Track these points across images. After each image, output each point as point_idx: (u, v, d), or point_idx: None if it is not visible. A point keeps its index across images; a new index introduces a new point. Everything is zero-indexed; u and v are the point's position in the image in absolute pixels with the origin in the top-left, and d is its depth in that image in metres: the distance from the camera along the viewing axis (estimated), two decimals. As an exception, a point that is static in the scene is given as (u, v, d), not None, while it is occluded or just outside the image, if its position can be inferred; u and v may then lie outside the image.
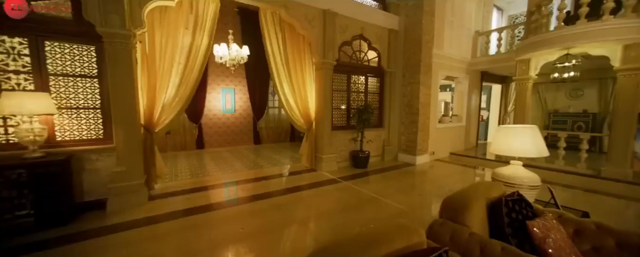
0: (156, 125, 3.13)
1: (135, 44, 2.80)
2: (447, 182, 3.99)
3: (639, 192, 3.44)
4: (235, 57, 4.66)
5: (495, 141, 2.10)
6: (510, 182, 2.00)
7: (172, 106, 3.25)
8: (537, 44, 4.24)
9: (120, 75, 2.62)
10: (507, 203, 1.32)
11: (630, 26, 3.48)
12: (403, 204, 2.96)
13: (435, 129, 5.51)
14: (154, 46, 3.01)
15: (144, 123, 3.02)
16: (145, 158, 3.00)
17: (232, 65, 4.82)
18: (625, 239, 1.25)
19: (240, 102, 7.32)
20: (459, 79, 6.10)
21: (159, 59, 3.07)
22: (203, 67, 3.47)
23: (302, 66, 4.48)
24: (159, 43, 3.06)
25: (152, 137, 3.11)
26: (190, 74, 3.34)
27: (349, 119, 4.91)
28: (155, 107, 3.08)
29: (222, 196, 3.33)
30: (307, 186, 3.72)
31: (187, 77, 3.33)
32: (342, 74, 4.82)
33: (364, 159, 4.66)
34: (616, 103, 3.96)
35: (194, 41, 3.32)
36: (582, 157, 4.32)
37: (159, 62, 3.08)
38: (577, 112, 6.60)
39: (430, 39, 4.95)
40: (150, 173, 3.10)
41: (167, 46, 3.11)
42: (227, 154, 6.15)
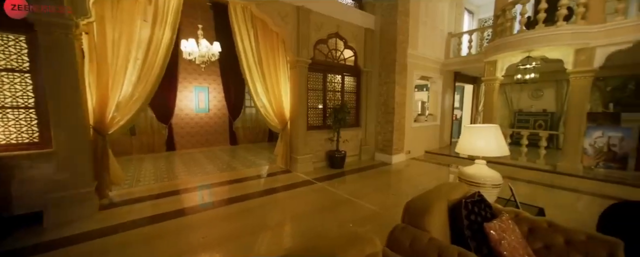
0: (109, 127, 2.83)
1: (80, 35, 2.50)
2: (421, 181, 4.04)
3: (588, 185, 3.71)
4: (205, 54, 4.40)
5: (461, 140, 2.11)
6: (475, 182, 2.02)
7: (129, 106, 2.96)
8: (502, 46, 4.43)
9: (60, 70, 2.31)
10: (467, 205, 1.29)
11: (579, 32, 3.73)
12: (376, 205, 2.93)
13: (411, 128, 5.60)
14: (104, 39, 2.71)
15: (93, 124, 2.72)
16: (96, 163, 2.70)
17: (202, 63, 4.55)
18: (572, 237, 1.27)
19: (215, 101, 6.99)
20: (433, 79, 6.25)
21: (112, 54, 2.78)
22: (165, 63, 3.21)
23: (276, 64, 4.33)
24: (112, 36, 2.76)
25: (105, 140, 2.81)
26: (150, 70, 3.07)
27: (325, 118, 4.83)
28: (108, 106, 2.78)
29: (187, 201, 3.10)
30: (281, 188, 3.59)
31: (147, 74, 3.06)
32: (317, 73, 4.72)
33: (340, 159, 4.61)
34: (569, 103, 4.24)
35: (154, 35, 3.05)
36: (541, 154, 4.58)
37: (112, 57, 2.78)
38: (538, 112, 7.04)
39: (405, 39, 5.00)
40: (103, 179, 2.81)
41: (121, 40, 2.82)
42: (200, 155, 5.83)
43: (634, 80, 5.69)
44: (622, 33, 3.54)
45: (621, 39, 3.55)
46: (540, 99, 7.21)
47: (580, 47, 3.84)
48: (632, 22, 3.49)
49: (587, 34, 3.71)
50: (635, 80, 5.67)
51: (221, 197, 3.26)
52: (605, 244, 1.20)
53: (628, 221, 1.61)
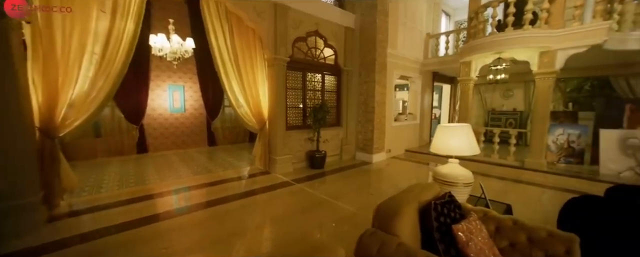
0: (61, 128, 2.55)
1: (19, 25, 2.22)
2: (400, 180, 4.09)
3: (552, 180, 3.95)
4: (177, 51, 4.15)
5: (435, 139, 2.12)
6: (448, 181, 2.04)
7: (85, 105, 2.70)
8: (476, 48, 4.59)
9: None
10: (436, 207, 1.28)
11: (543, 36, 3.95)
12: (354, 206, 2.90)
13: (391, 127, 5.67)
14: (52, 30, 2.43)
15: (39, 126, 2.43)
16: (44, 169, 2.43)
17: (174, 60, 4.29)
18: (534, 234, 1.30)
19: (192, 100, 6.66)
20: (412, 78, 6.38)
21: (62, 47, 2.50)
22: (129, 59, 2.97)
23: (253, 62, 4.18)
24: (61, 27, 2.48)
25: (54, 143, 2.53)
26: (110, 66, 2.82)
27: (305, 118, 4.75)
28: (58, 105, 2.51)
29: (152, 208, 2.88)
30: (258, 190, 3.46)
31: (107, 71, 2.81)
32: (296, 72, 4.63)
33: (321, 159, 4.56)
34: (535, 103, 4.49)
35: (114, 27, 2.80)
36: (511, 151, 4.82)
37: (63, 51, 2.50)
38: (509, 111, 7.45)
39: (385, 38, 5.04)
40: (53, 187, 2.53)
41: (74, 31, 2.55)
42: (175, 158, 5.53)
43: (589, 82, 6.18)
44: (578, 38, 3.79)
45: (578, 43, 3.81)
46: (510, 98, 7.62)
47: (543, 50, 4.07)
48: (587, 28, 3.74)
49: (549, 37, 3.94)
50: (590, 81, 6.16)
51: (192, 202, 3.08)
52: (563, 240, 1.24)
53: (584, 214, 1.70)
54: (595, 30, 3.68)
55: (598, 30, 3.66)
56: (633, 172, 3.86)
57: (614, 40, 3.78)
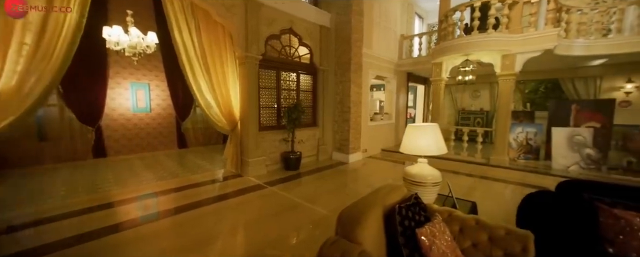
0: (-16, 132, 2.19)
1: None
2: (376, 180, 4.12)
3: (513, 175, 4.22)
4: (136, 45, 3.79)
5: (405, 139, 2.12)
6: (417, 181, 2.04)
7: (15, 103, 2.34)
8: (446, 49, 4.78)
9: None
10: (400, 211, 1.24)
11: (504, 40, 4.21)
12: (327, 208, 2.84)
13: (368, 127, 5.73)
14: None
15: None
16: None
17: (133, 55, 3.91)
18: (494, 233, 1.32)
19: (159, 99, 6.19)
20: (388, 78, 6.51)
21: (-19, 36, 2.14)
22: (72, 52, 2.64)
23: (223, 60, 3.95)
24: (-19, 14, 2.12)
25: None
26: (47, 59, 2.48)
27: (279, 118, 4.61)
28: (-21, 105, 2.14)
29: (107, 219, 2.57)
30: (227, 195, 3.27)
31: (43, 64, 2.46)
32: (270, 70, 4.47)
33: (296, 161, 4.45)
34: (498, 103, 4.79)
35: (51, 16, 2.45)
36: (478, 149, 5.10)
37: (-19, 41, 2.14)
38: (477, 110, 7.92)
39: (360, 37, 5.06)
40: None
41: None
42: (138, 162, 5.09)
43: (543, 84, 6.76)
44: (534, 43, 4.09)
45: (533, 48, 4.11)
46: (478, 99, 8.10)
47: (505, 53, 4.34)
48: (540, 34, 4.06)
49: (509, 41, 4.20)
50: (544, 84, 6.74)
51: (153, 210, 2.83)
52: (519, 237, 1.27)
53: (540, 209, 1.78)
54: (547, 36, 3.99)
55: (549, 36, 3.97)
56: (578, 167, 4.26)
57: (562, 46, 4.13)
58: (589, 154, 4.21)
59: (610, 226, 1.44)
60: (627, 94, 5.62)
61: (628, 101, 5.62)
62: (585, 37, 4.32)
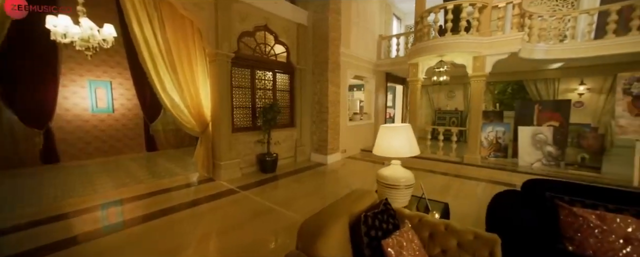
0: None
1: None
2: (354, 181, 4.08)
3: (485, 173, 4.39)
4: (88, 38, 3.39)
5: (378, 141, 2.07)
6: (390, 183, 1.99)
7: None
8: (421, 50, 4.86)
9: None
10: (367, 220, 1.16)
11: (474, 42, 4.37)
12: (301, 213, 2.73)
13: (347, 127, 5.69)
14: None
15: None
16: None
17: (86, 49, 3.51)
18: (463, 238, 1.28)
19: (123, 99, 5.71)
20: (366, 78, 6.53)
21: None
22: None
23: (191, 58, 3.68)
24: None
25: None
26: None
27: (254, 119, 4.42)
28: None
29: (47, 236, 2.25)
30: (194, 202, 3.04)
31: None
32: (244, 69, 4.27)
33: (272, 163, 4.29)
34: (470, 103, 4.97)
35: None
36: (453, 148, 5.26)
37: None
38: (452, 110, 8.23)
39: (337, 36, 5.00)
40: None
41: None
42: (96, 168, 4.63)
43: (511, 86, 7.18)
44: (501, 45, 4.29)
45: (501, 50, 4.30)
46: (453, 99, 8.42)
47: (476, 55, 4.50)
48: (506, 38, 4.26)
49: (480, 44, 4.36)
50: (511, 85, 7.16)
51: (100, 224, 2.52)
52: (487, 242, 1.24)
53: (507, 209, 1.81)
54: (512, 40, 4.20)
55: (514, 40, 4.18)
56: (541, 163, 4.53)
57: (525, 49, 4.37)
58: (549, 152, 4.49)
59: (569, 224, 1.47)
60: (580, 95, 6.12)
61: (581, 102, 6.12)
62: (546, 41, 4.60)
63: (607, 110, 5.78)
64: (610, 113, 5.59)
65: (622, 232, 1.34)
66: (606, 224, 1.37)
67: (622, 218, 1.37)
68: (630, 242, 1.32)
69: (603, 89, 5.87)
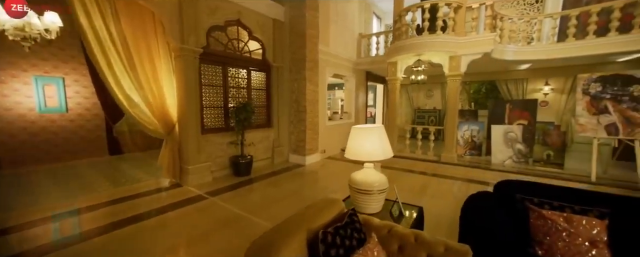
0: None
1: None
2: (331, 183, 3.96)
3: (461, 171, 4.47)
4: (23, 26, 2.94)
5: (350, 143, 1.95)
6: (362, 189, 1.88)
7: None
8: (399, 49, 4.85)
9: None
10: (326, 238, 1.02)
11: (450, 41, 4.42)
12: (272, 220, 2.55)
13: (326, 127, 5.58)
14: None
15: None
16: None
17: (22, 40, 3.05)
18: (433, 250, 1.19)
19: (79, 97, 5.15)
20: (346, 77, 6.45)
21: None
22: None
23: (153, 53, 3.35)
24: None
25: None
26: None
27: (227, 119, 4.15)
28: None
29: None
30: (153, 212, 2.75)
31: None
32: (215, 66, 3.99)
33: (246, 165, 4.06)
34: (447, 102, 5.06)
35: None
36: (431, 146, 5.34)
37: None
38: (431, 109, 8.41)
39: (315, 33, 4.84)
40: None
41: None
42: (44, 175, 4.12)
43: (485, 85, 7.46)
44: (475, 45, 4.38)
45: (475, 50, 4.39)
46: (432, 98, 8.61)
47: (452, 55, 4.56)
48: (480, 38, 4.35)
49: (456, 43, 4.43)
50: (485, 85, 7.44)
51: (41, 241, 2.19)
52: (457, 253, 1.16)
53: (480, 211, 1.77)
54: (485, 40, 4.29)
55: (487, 40, 4.28)
56: (511, 160, 4.71)
57: (497, 50, 4.50)
58: (519, 149, 4.69)
59: (539, 227, 1.44)
60: (546, 95, 6.49)
61: (546, 101, 6.50)
62: (515, 43, 4.79)
63: (568, 109, 6.18)
64: (571, 112, 5.99)
65: (588, 235, 1.33)
66: (573, 227, 1.35)
67: (588, 220, 1.36)
68: (595, 245, 1.30)
69: (565, 90, 6.27)
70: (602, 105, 3.79)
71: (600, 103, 3.81)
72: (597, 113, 3.81)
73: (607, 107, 3.77)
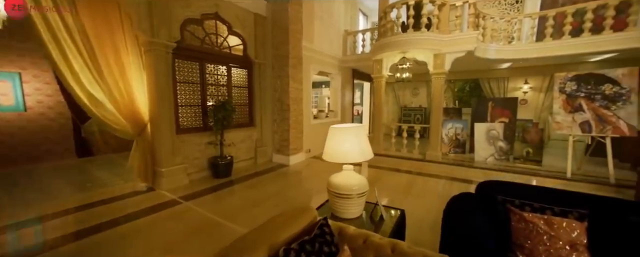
0: None
1: None
2: (316, 184, 3.84)
3: (444, 170, 4.49)
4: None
5: (327, 144, 1.83)
6: (342, 193, 1.78)
7: None
8: (384, 46, 4.79)
9: None
10: (288, 255, 0.89)
11: (435, 39, 4.41)
12: (249, 226, 2.41)
13: (311, 125, 5.45)
14: None
15: None
16: None
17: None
18: (413, 262, 1.10)
19: (40, 95, 4.73)
20: (332, 74, 6.34)
21: None
22: None
23: (119, 46, 3.06)
24: None
25: None
26: None
27: (205, 118, 3.93)
28: None
29: None
30: (122, 219, 2.52)
31: None
32: (192, 62, 3.74)
33: (225, 167, 3.86)
34: (432, 100, 5.07)
35: None
36: (416, 145, 5.35)
37: None
38: (417, 107, 8.48)
39: (299, 29, 4.68)
40: None
41: None
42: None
43: (469, 84, 7.59)
44: (459, 43, 4.39)
45: (459, 48, 4.40)
46: (418, 96, 8.68)
47: (436, 52, 4.55)
48: (463, 36, 4.37)
49: (440, 41, 4.41)
50: (469, 83, 7.58)
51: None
52: (437, 264, 1.07)
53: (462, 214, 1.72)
54: (468, 38, 4.31)
55: (470, 39, 4.30)
56: (493, 158, 4.80)
57: (480, 49, 4.54)
58: (501, 147, 4.78)
59: (520, 231, 1.40)
60: (525, 93, 6.69)
61: (525, 100, 6.70)
62: (497, 42, 4.85)
63: (546, 107, 6.40)
64: (549, 109, 6.21)
65: (568, 238, 1.29)
66: (554, 230, 1.31)
67: (568, 222, 1.33)
68: (575, 249, 1.27)
69: (543, 88, 6.48)
70: (577, 104, 3.91)
71: (575, 101, 3.92)
72: (573, 111, 3.92)
73: (581, 105, 3.88)
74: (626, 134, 3.58)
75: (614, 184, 3.54)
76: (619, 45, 4.06)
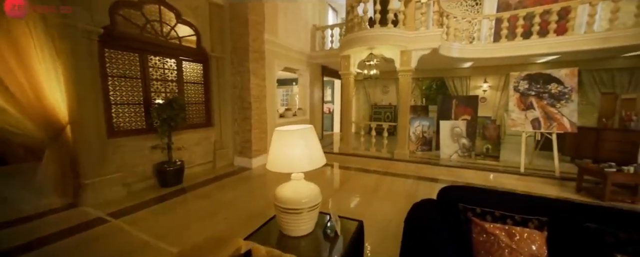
0: None
1: None
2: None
3: (412, 168, 4.48)
4: None
5: (271, 151, 1.56)
6: (288, 208, 1.50)
7: None
8: (351, 42, 4.62)
9: None
10: None
11: (401, 35, 4.34)
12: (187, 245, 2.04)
13: (276, 125, 5.11)
14: None
15: None
16: None
17: None
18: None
19: None
20: (300, 71, 6.05)
21: None
22: None
23: (14, 28, 2.43)
24: None
25: None
26: None
27: (148, 118, 3.39)
28: None
29: None
30: (21, 247, 1.99)
31: None
32: (129, 53, 3.18)
33: (175, 173, 3.39)
34: (399, 98, 5.05)
35: None
36: (384, 143, 5.30)
37: None
38: (387, 105, 8.55)
39: (260, 20, 4.30)
40: None
41: None
42: None
43: (435, 81, 7.83)
44: (424, 41, 4.37)
45: (424, 46, 4.39)
46: (388, 94, 8.76)
47: (403, 49, 4.50)
48: (428, 33, 4.37)
49: (406, 38, 4.36)
50: (436, 81, 7.81)
51: None
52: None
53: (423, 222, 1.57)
54: (433, 36, 4.31)
55: (435, 36, 4.30)
56: (457, 155, 4.93)
57: (444, 47, 4.59)
58: (464, 143, 4.91)
59: (482, 244, 1.26)
60: (484, 91, 7.07)
61: (485, 98, 7.08)
62: (459, 41, 4.96)
63: (502, 105, 6.82)
64: (505, 107, 6.62)
65: (529, 251, 1.18)
66: (515, 243, 1.20)
67: (529, 233, 1.22)
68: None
69: (499, 87, 6.89)
70: (529, 102, 4.12)
71: (527, 99, 4.13)
72: (525, 109, 4.13)
73: (532, 104, 4.10)
74: (568, 130, 3.85)
75: (559, 177, 3.78)
76: (561, 48, 4.39)
